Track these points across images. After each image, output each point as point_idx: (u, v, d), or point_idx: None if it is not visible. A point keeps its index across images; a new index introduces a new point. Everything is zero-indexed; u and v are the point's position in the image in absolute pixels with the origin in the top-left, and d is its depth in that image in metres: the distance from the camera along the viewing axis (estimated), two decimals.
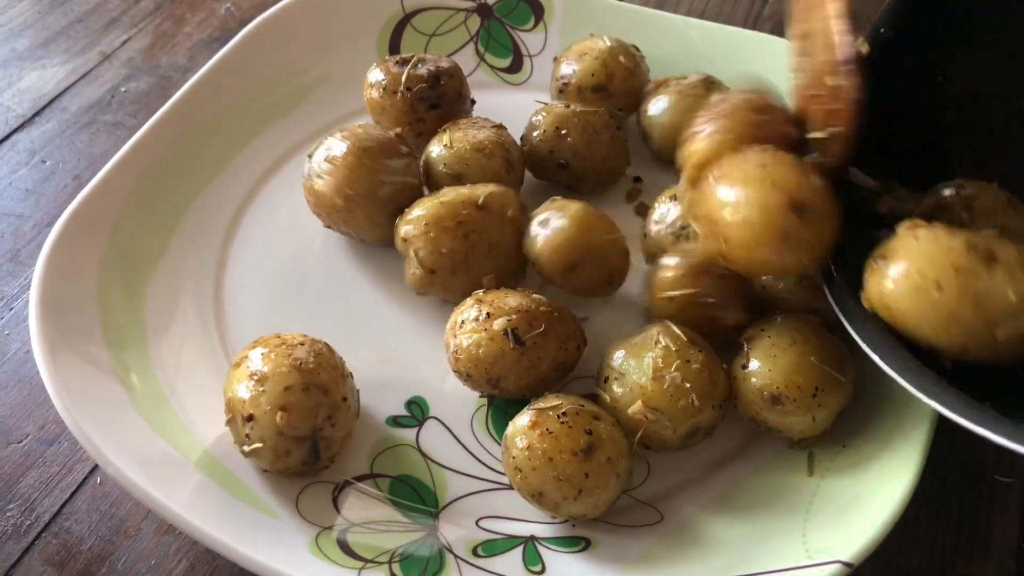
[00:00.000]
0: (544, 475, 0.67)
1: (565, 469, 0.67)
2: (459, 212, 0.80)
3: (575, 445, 0.67)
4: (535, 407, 0.70)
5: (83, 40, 1.20)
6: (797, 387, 0.71)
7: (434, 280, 0.81)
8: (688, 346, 0.72)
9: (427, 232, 0.80)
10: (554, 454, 0.67)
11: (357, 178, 0.84)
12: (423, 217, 0.80)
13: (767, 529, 0.70)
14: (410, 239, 0.81)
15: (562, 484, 0.67)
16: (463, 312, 0.76)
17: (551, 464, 0.67)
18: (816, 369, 0.72)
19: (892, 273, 0.64)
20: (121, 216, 0.86)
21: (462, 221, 0.80)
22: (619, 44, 0.99)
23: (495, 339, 0.74)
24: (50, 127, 1.08)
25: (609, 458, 0.67)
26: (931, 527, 0.76)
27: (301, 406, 0.69)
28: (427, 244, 0.80)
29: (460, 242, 0.80)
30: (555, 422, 0.68)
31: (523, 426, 0.69)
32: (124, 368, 0.77)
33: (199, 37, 1.21)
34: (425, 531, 0.71)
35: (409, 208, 0.82)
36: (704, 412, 0.71)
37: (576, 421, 0.68)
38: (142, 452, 0.70)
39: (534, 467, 0.67)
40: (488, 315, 0.74)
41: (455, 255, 0.80)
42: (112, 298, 0.81)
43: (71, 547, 0.73)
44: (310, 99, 1.05)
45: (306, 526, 0.70)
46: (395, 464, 0.76)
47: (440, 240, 0.80)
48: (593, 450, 0.67)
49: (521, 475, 0.68)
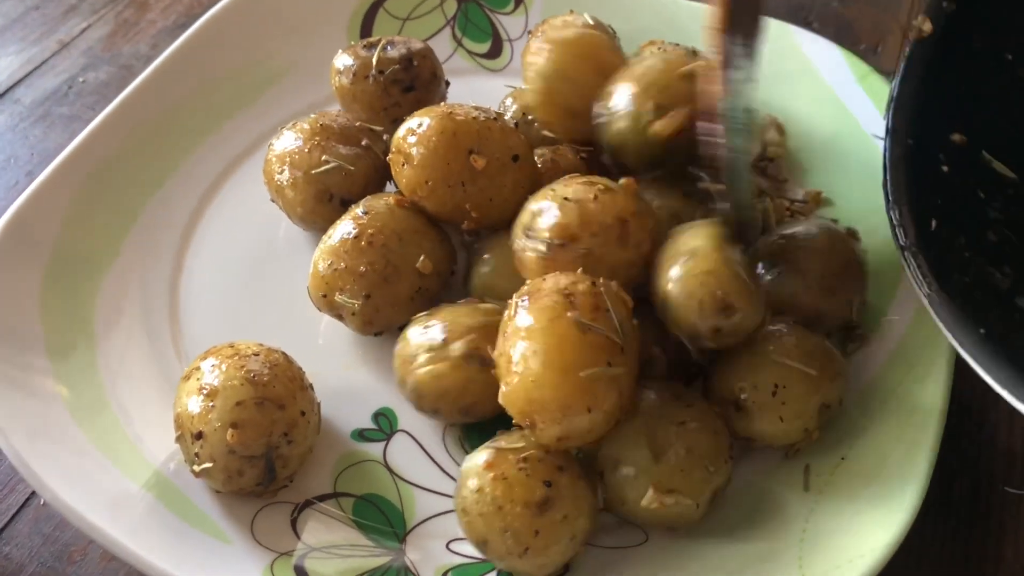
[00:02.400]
0: (491, 524, 0.61)
1: (513, 522, 0.60)
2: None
3: (529, 496, 0.60)
4: (496, 445, 0.64)
5: (40, 28, 1.14)
6: (753, 387, 0.67)
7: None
8: (677, 405, 0.65)
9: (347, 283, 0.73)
10: (505, 503, 0.60)
11: (301, 153, 0.80)
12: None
13: (759, 551, 0.64)
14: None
15: (507, 538, 0.60)
16: (413, 342, 0.70)
17: (499, 513, 0.60)
18: (776, 366, 0.67)
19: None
20: (69, 217, 0.81)
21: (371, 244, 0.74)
22: (598, 24, 0.94)
23: (458, 366, 0.68)
24: (2, 120, 1.02)
25: (566, 516, 0.61)
26: (937, 542, 0.70)
27: (254, 422, 0.64)
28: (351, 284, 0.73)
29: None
30: (512, 467, 0.61)
31: (478, 465, 0.63)
32: (67, 380, 0.71)
33: (163, 24, 1.15)
34: (391, 555, 0.66)
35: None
36: (719, 473, 0.64)
37: (536, 469, 0.61)
38: (83, 472, 0.65)
39: (481, 512, 0.61)
40: (444, 340, 0.69)
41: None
42: (58, 304, 0.76)
43: (11, 575, 0.68)
44: (276, 88, 0.99)
45: (261, 552, 0.64)
46: (360, 482, 0.70)
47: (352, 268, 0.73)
48: (549, 505, 0.60)
49: (468, 519, 0.62)
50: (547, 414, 0.60)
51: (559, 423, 0.61)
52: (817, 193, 0.90)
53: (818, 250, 0.74)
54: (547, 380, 0.60)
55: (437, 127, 0.73)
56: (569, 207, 0.68)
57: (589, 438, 0.62)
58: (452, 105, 0.77)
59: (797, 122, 0.96)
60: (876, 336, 0.76)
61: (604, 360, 0.60)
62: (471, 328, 0.68)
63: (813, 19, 1.17)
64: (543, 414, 0.60)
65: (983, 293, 0.64)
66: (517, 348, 0.61)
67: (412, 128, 0.74)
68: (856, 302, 0.75)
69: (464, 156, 0.73)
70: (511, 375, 0.61)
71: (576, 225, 0.67)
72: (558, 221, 0.67)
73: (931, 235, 0.66)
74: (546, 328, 0.61)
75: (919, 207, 0.67)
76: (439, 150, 0.73)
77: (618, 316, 0.62)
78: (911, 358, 0.73)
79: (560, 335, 0.60)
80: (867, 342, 0.76)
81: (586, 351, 0.60)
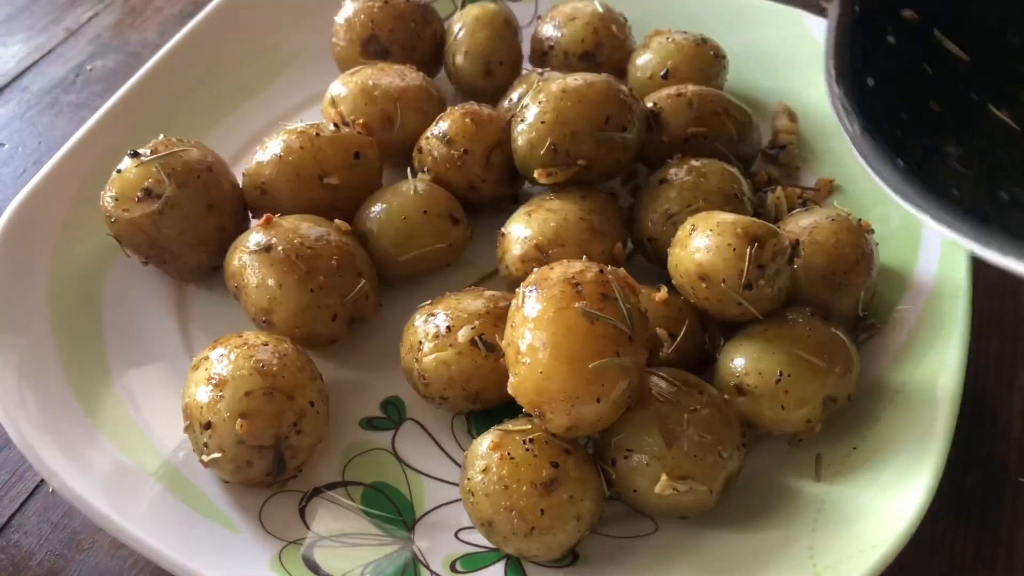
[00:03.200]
0: (496, 503, 0.61)
1: (519, 501, 0.60)
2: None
3: (536, 476, 0.60)
4: (503, 428, 0.64)
5: (47, 16, 1.14)
6: (759, 372, 0.66)
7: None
8: (688, 392, 0.65)
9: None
10: (511, 482, 0.60)
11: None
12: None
13: (770, 541, 0.64)
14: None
15: (513, 517, 0.60)
16: (417, 330, 0.70)
17: (505, 492, 0.60)
18: (783, 354, 0.66)
19: None
20: (77, 204, 0.80)
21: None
22: (609, 11, 0.93)
23: (464, 352, 0.68)
24: (9, 108, 1.02)
25: (572, 497, 0.61)
26: (949, 532, 0.70)
27: (263, 412, 0.64)
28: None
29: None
30: (519, 447, 0.61)
31: (484, 446, 0.63)
32: (75, 367, 0.71)
33: (170, 12, 1.15)
34: (399, 544, 0.65)
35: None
36: (732, 459, 0.64)
37: (543, 450, 0.61)
38: (93, 462, 0.65)
39: (487, 492, 0.61)
40: (449, 328, 0.68)
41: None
42: (65, 292, 0.76)
43: (19, 562, 0.68)
44: (282, 77, 0.98)
45: (269, 540, 0.64)
46: (369, 471, 0.70)
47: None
48: (555, 485, 0.60)
49: (473, 499, 0.62)
50: (556, 404, 0.60)
51: (568, 413, 0.60)
52: (829, 181, 0.89)
53: (826, 245, 0.73)
54: (556, 371, 0.60)
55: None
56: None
57: (599, 427, 0.62)
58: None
59: (809, 109, 0.95)
60: (888, 327, 0.76)
61: (613, 350, 0.60)
62: (475, 315, 0.68)
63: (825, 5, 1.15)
64: (552, 404, 0.60)
65: (912, 141, 0.60)
66: (525, 338, 0.61)
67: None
68: (864, 296, 0.75)
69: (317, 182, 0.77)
70: (519, 365, 0.61)
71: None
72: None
73: (867, 90, 0.63)
74: (554, 318, 0.60)
75: (857, 64, 0.64)
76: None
77: (626, 304, 0.61)
78: (923, 349, 0.73)
79: (568, 325, 0.60)
80: (878, 332, 0.76)
81: (594, 341, 0.60)
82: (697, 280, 0.68)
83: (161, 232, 0.74)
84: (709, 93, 0.84)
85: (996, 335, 0.82)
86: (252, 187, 0.78)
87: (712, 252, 0.67)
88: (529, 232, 0.74)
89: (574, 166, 0.76)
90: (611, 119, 0.75)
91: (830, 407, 0.68)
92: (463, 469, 0.64)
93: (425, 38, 0.93)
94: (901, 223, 0.83)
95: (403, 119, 0.84)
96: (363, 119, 0.83)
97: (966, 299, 0.74)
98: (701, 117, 0.82)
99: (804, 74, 0.96)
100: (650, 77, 0.90)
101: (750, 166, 0.88)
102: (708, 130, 0.82)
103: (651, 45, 0.91)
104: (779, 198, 0.84)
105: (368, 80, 0.84)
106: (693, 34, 0.91)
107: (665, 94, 0.84)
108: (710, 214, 0.70)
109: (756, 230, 0.67)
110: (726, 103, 0.84)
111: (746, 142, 0.85)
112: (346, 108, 0.84)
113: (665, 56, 0.90)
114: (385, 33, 0.91)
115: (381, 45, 0.92)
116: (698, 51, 0.90)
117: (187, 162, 0.75)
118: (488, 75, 0.91)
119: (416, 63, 0.91)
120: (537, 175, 0.77)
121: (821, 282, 0.73)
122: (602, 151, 0.76)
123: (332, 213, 0.77)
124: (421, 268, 0.79)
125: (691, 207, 0.75)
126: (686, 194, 0.76)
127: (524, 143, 0.76)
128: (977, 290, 0.84)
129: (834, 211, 0.77)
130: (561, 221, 0.74)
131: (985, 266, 0.84)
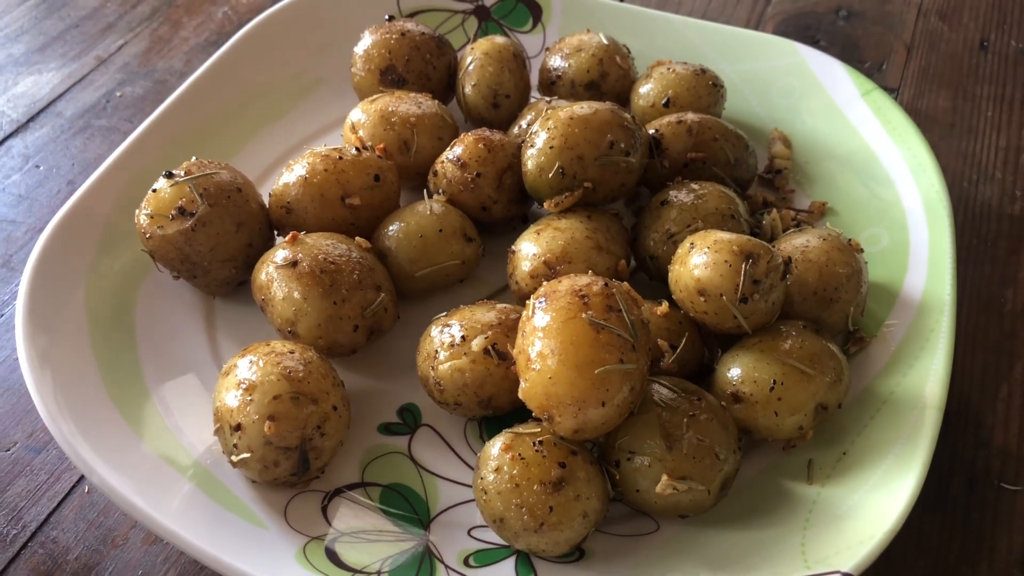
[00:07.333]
0: (507, 501, 0.65)
1: (529, 498, 0.64)
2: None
3: (545, 476, 0.65)
4: (513, 431, 0.68)
5: (79, 45, 1.20)
6: (753, 380, 0.71)
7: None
8: (687, 398, 0.69)
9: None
10: (521, 480, 0.65)
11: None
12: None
13: (765, 538, 0.68)
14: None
15: (523, 513, 0.64)
16: (433, 340, 0.74)
17: (516, 490, 0.65)
18: (777, 364, 0.71)
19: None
20: (112, 222, 0.85)
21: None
22: (613, 43, 0.98)
23: (477, 360, 0.72)
24: (44, 132, 1.07)
25: (579, 495, 0.65)
26: (935, 535, 0.74)
27: (290, 416, 0.68)
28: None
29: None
30: (529, 448, 0.66)
31: (496, 448, 0.67)
32: (112, 375, 0.76)
33: (195, 41, 1.20)
34: (416, 541, 0.69)
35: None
36: (729, 461, 0.68)
37: (551, 452, 0.66)
38: (130, 462, 0.69)
39: (499, 491, 0.65)
40: (463, 338, 0.73)
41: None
42: (101, 305, 0.80)
43: (57, 557, 0.72)
44: (307, 101, 1.04)
45: (294, 536, 0.68)
46: (386, 472, 0.74)
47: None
48: (563, 484, 0.65)
49: (486, 498, 0.66)
50: (564, 408, 0.64)
51: (575, 417, 0.65)
52: (822, 204, 0.94)
53: (817, 263, 0.78)
54: (563, 377, 0.64)
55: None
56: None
57: (604, 430, 0.66)
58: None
59: (803, 136, 1.00)
60: (876, 340, 0.80)
61: (617, 357, 0.64)
62: (488, 325, 0.73)
63: (820, 37, 1.21)
64: (560, 408, 0.65)
65: None
66: (535, 346, 0.65)
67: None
68: (854, 311, 0.79)
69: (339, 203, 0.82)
70: (530, 371, 0.65)
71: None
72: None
73: None
74: (562, 327, 0.65)
75: None
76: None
77: (630, 316, 0.66)
78: (909, 360, 0.77)
79: (575, 334, 0.64)
80: (868, 345, 0.80)
81: (600, 349, 0.64)
82: (696, 295, 0.73)
83: (193, 248, 0.79)
84: (708, 120, 0.89)
85: (981, 350, 0.86)
86: (278, 206, 0.83)
87: (710, 268, 0.71)
88: (538, 249, 0.79)
89: (580, 189, 0.81)
90: (615, 144, 0.80)
91: (821, 414, 0.72)
92: (476, 469, 0.68)
93: (439, 68, 0.99)
94: (891, 243, 0.87)
95: (419, 144, 0.89)
96: (382, 144, 0.88)
97: (951, 315, 0.78)
98: (700, 143, 0.87)
99: (799, 102, 1.01)
100: (652, 105, 0.95)
101: (747, 189, 0.93)
102: (707, 155, 0.87)
103: (653, 75, 0.96)
104: (774, 219, 0.88)
105: (387, 107, 0.90)
106: (693, 65, 0.97)
107: (666, 121, 0.89)
108: (708, 233, 0.74)
109: (751, 247, 0.71)
110: (724, 130, 0.89)
111: (743, 166, 0.90)
112: (366, 133, 0.89)
113: (666, 85, 0.94)
114: (401, 63, 0.97)
115: (398, 74, 0.97)
116: (698, 81, 0.95)
117: (218, 183, 0.80)
118: (495, 107, 0.96)
119: (430, 91, 0.96)
120: (546, 206, 0.82)
121: (813, 298, 0.77)
122: (607, 174, 0.81)
123: (353, 231, 0.82)
124: (436, 283, 0.83)
125: (690, 227, 0.80)
126: (686, 215, 0.81)
127: (534, 167, 0.81)
128: (963, 307, 0.89)
129: (826, 231, 0.82)
130: (568, 239, 0.79)
131: (971, 284, 0.89)
